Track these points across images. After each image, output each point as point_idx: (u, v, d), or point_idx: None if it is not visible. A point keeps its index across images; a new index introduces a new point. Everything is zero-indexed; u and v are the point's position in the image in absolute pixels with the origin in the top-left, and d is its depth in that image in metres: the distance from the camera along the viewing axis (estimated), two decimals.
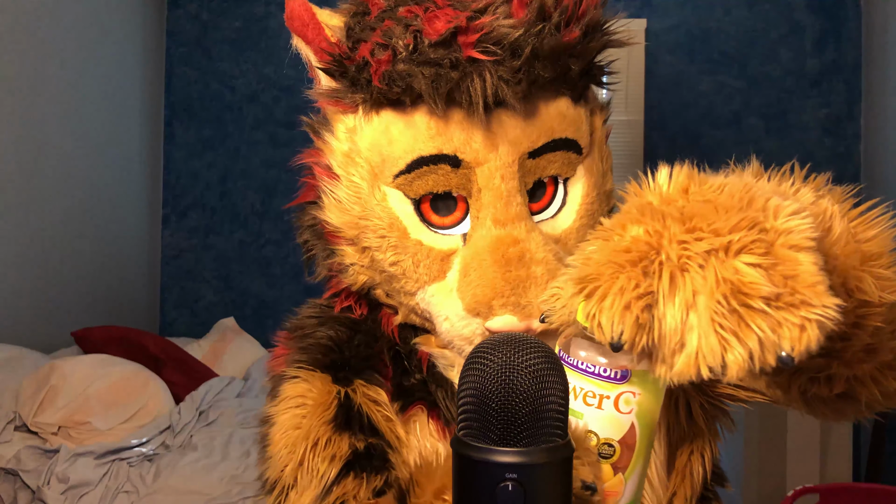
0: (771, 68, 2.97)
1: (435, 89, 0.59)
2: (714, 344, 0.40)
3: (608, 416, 0.49)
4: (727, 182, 0.47)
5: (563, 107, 0.65)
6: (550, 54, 0.60)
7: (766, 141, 2.95)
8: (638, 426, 0.50)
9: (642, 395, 0.49)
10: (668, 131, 3.01)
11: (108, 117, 2.85)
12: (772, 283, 0.40)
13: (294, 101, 3.18)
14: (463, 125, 0.61)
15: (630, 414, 0.49)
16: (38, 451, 1.83)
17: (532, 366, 0.40)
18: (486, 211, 0.62)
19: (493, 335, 0.45)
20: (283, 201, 3.21)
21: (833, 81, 2.94)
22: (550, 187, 0.66)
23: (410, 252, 0.64)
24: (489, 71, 0.58)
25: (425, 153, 0.62)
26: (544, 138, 0.63)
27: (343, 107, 0.65)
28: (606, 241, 0.46)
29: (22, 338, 2.30)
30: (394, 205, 0.64)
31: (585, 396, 0.49)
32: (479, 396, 0.40)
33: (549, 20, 0.60)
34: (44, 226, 2.47)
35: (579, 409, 0.49)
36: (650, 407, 0.50)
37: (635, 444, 0.50)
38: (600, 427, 0.49)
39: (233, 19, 3.25)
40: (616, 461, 0.50)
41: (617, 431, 0.49)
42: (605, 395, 0.49)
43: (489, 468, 0.39)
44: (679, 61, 3.02)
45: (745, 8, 2.99)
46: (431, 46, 0.59)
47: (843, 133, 2.93)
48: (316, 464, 0.61)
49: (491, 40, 0.58)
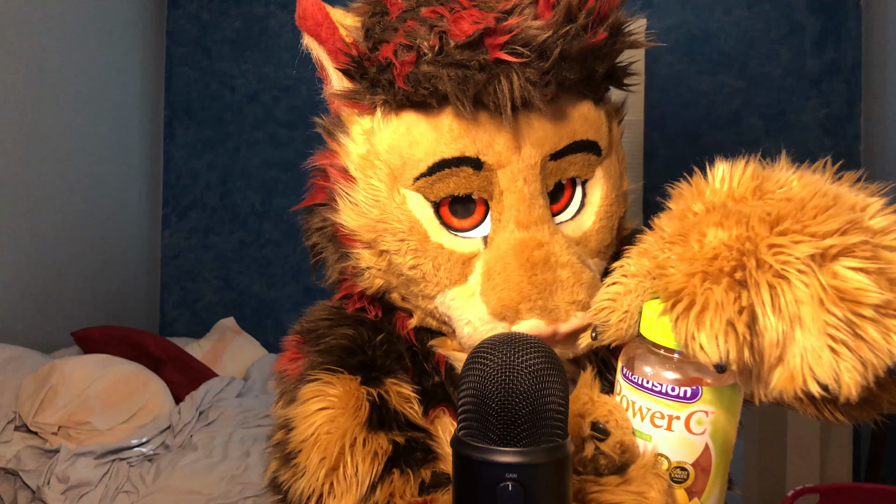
0: (771, 68, 2.97)
1: (462, 91, 0.58)
2: (828, 358, 0.37)
3: (679, 437, 0.46)
4: (800, 178, 0.44)
5: (585, 109, 0.64)
6: (578, 56, 0.60)
7: (766, 141, 2.95)
8: (713, 447, 0.46)
9: (716, 414, 0.46)
10: (668, 131, 3.01)
11: (108, 117, 2.85)
12: (880, 288, 0.37)
13: (294, 101, 3.18)
14: (486, 127, 0.60)
15: (703, 435, 0.46)
16: (38, 451, 1.83)
17: (532, 366, 0.40)
18: (509, 213, 0.61)
19: (493, 335, 0.45)
20: (283, 201, 3.21)
21: (833, 81, 2.94)
22: (568, 189, 0.65)
23: (431, 255, 0.62)
24: (517, 73, 0.57)
25: (447, 155, 0.61)
26: (566, 140, 0.62)
27: (360, 108, 0.64)
28: (685, 248, 0.43)
29: (22, 338, 2.29)
30: (413, 208, 0.63)
31: (653, 417, 0.46)
32: (479, 396, 0.40)
33: (575, 21, 0.59)
34: (44, 226, 2.46)
35: (647, 431, 0.46)
36: (725, 426, 0.47)
37: (711, 466, 0.47)
38: (671, 450, 0.46)
39: (233, 19, 3.25)
40: (690, 485, 0.47)
41: (690, 454, 0.46)
42: (675, 415, 0.45)
43: (489, 468, 0.39)
44: (679, 61, 3.02)
45: (745, 8, 2.99)
46: (458, 48, 0.57)
47: (843, 133, 2.93)
48: (356, 464, 0.58)
49: (519, 42, 0.57)
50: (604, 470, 0.47)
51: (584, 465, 0.47)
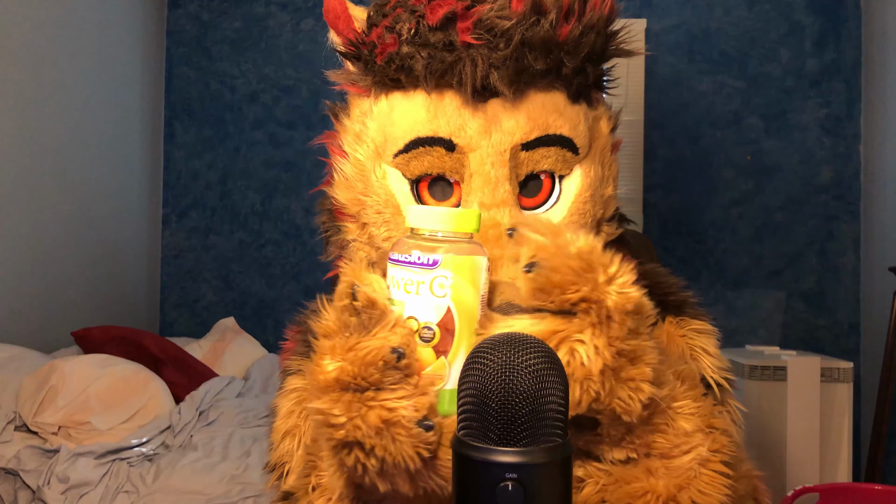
0: (771, 68, 2.97)
1: (428, 70, 0.64)
2: None
3: (425, 300, 0.52)
4: None
5: (558, 102, 0.67)
6: (542, 45, 0.63)
7: (766, 141, 2.95)
8: (455, 310, 0.52)
9: (455, 280, 0.52)
10: (668, 131, 3.01)
11: (108, 117, 2.85)
12: None
13: (294, 101, 3.18)
14: (460, 111, 0.65)
15: (445, 298, 0.52)
16: (38, 451, 1.83)
17: (532, 366, 0.40)
18: (475, 195, 0.65)
19: (493, 335, 0.45)
20: (283, 201, 3.21)
21: (833, 81, 2.94)
22: (547, 184, 0.68)
23: (401, 229, 0.67)
24: (482, 57, 0.63)
25: (422, 134, 0.66)
26: (538, 132, 0.66)
27: (358, 89, 0.71)
28: None
29: (22, 338, 2.29)
30: (392, 183, 0.68)
31: (405, 286, 0.53)
32: (479, 396, 0.40)
33: (544, 15, 0.64)
34: (44, 226, 2.46)
35: (400, 297, 0.53)
36: (465, 293, 0.53)
37: (455, 328, 0.53)
38: (419, 311, 0.52)
39: (233, 19, 3.25)
40: (437, 344, 0.52)
41: (435, 315, 0.52)
42: (421, 280, 0.52)
43: (489, 468, 0.39)
44: (679, 61, 3.02)
45: (745, 8, 2.99)
46: (431, 31, 0.64)
47: (843, 133, 2.93)
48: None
49: (484, 27, 0.63)
50: (366, 324, 0.51)
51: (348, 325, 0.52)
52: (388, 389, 0.48)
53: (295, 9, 3.21)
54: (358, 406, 0.47)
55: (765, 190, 2.92)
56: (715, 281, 2.95)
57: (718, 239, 2.96)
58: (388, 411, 0.47)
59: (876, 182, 2.77)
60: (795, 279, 2.93)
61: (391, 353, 0.48)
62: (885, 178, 2.69)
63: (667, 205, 2.97)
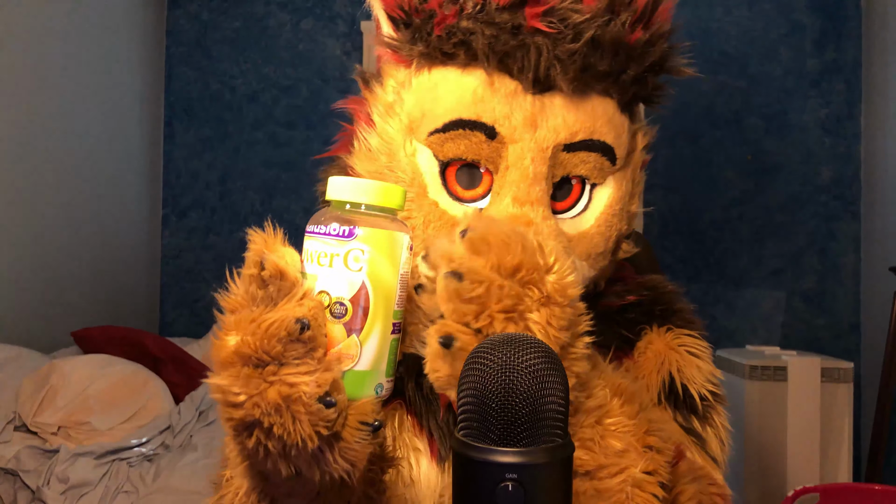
0: (771, 68, 2.97)
1: (491, 49, 0.60)
2: None
3: (338, 273, 0.49)
4: None
5: (609, 109, 0.65)
6: (610, 46, 0.61)
7: (766, 141, 2.95)
8: (370, 286, 0.49)
9: (372, 255, 0.49)
10: (668, 131, 3.01)
11: (108, 117, 2.85)
12: None
13: (294, 101, 3.18)
14: (508, 99, 0.62)
15: (360, 273, 0.49)
16: (38, 451, 1.83)
17: (532, 366, 0.40)
18: (509, 189, 0.62)
19: (493, 336, 0.45)
20: (283, 201, 3.21)
21: (833, 81, 2.94)
22: (577, 189, 0.66)
23: (424, 210, 0.64)
24: (547, 47, 0.59)
25: (465, 116, 0.62)
26: (583, 135, 0.63)
27: (398, 58, 0.66)
28: None
29: (22, 338, 2.29)
30: (421, 162, 0.65)
31: (319, 258, 0.49)
32: (479, 397, 0.40)
33: (617, 15, 0.61)
34: (44, 226, 2.46)
35: (313, 271, 0.50)
36: (382, 269, 0.50)
37: (369, 306, 0.49)
38: (331, 286, 0.49)
39: (233, 19, 3.25)
40: (349, 321, 0.49)
41: (348, 290, 0.49)
42: (335, 252, 0.49)
43: (489, 468, 0.39)
44: None
45: (745, 8, 2.99)
46: (498, 10, 0.60)
47: (843, 133, 2.93)
48: None
49: (556, 16, 0.59)
50: (273, 297, 0.49)
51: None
52: (290, 364, 0.46)
53: (295, 9, 3.21)
54: (258, 382, 0.45)
55: (765, 190, 2.92)
56: (715, 281, 2.95)
57: (718, 239, 2.96)
58: (289, 387, 0.45)
59: (876, 182, 2.77)
60: (795, 279, 2.92)
61: (295, 323, 0.46)
62: (886, 178, 2.68)
63: (667, 205, 2.97)
